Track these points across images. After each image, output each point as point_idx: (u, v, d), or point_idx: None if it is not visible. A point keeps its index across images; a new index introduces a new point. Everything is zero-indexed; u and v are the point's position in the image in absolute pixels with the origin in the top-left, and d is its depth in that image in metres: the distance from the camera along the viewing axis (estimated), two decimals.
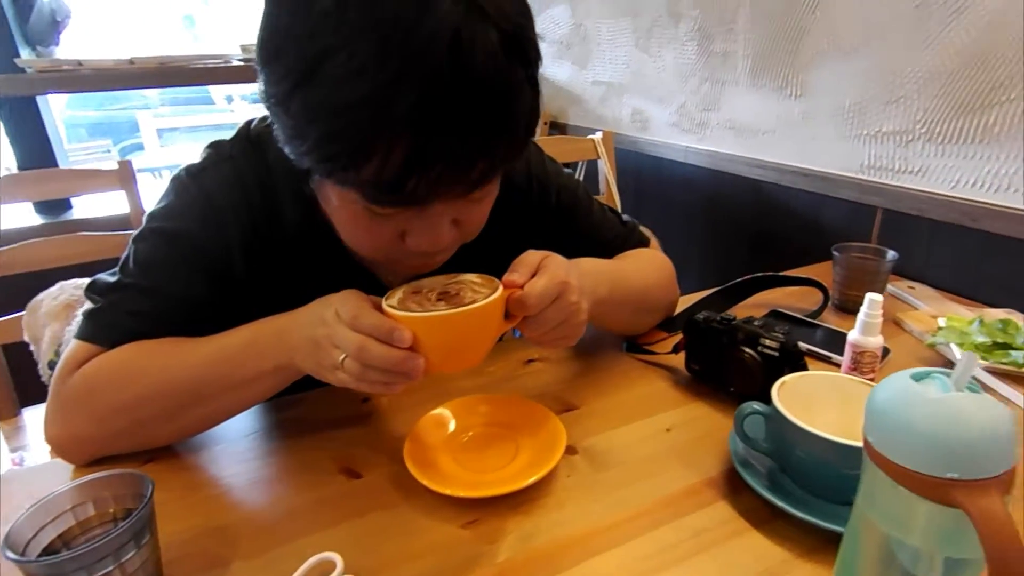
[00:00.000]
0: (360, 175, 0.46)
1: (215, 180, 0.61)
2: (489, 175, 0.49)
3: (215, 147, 0.64)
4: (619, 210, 0.88)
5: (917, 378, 0.35)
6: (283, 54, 0.44)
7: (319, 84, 0.42)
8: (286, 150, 0.48)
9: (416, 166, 0.44)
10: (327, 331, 0.50)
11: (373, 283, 0.66)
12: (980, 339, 0.74)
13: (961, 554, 0.34)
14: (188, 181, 0.61)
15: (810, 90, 1.17)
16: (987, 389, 0.71)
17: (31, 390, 1.11)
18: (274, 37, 0.45)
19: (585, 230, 0.78)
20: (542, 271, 0.54)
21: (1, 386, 1.18)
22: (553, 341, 0.56)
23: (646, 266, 0.78)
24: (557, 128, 1.98)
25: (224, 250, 0.60)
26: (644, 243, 0.84)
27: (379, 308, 0.50)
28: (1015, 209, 0.90)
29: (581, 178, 1.71)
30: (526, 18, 0.48)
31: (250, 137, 0.63)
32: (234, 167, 0.61)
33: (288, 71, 0.44)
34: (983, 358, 0.72)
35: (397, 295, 0.52)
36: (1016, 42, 0.86)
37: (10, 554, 0.39)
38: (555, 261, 0.56)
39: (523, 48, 0.46)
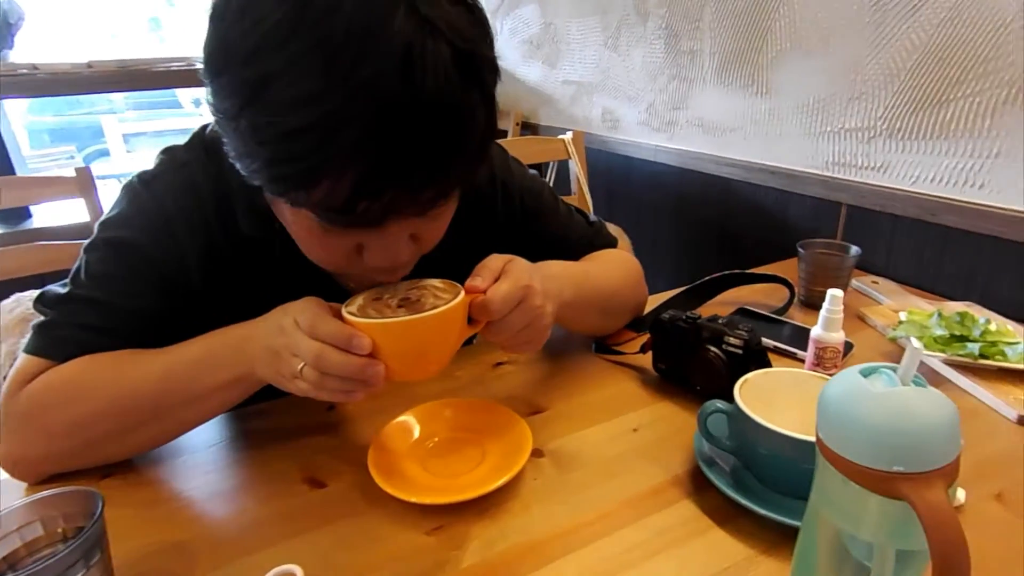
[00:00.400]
0: (311, 197, 0.45)
1: (168, 188, 0.59)
2: (443, 196, 0.48)
3: (169, 153, 0.62)
4: (591, 210, 0.88)
5: (865, 373, 0.35)
6: (229, 71, 0.43)
7: (265, 107, 0.41)
8: (237, 165, 0.47)
9: (367, 191, 0.44)
10: (286, 340, 0.49)
11: (335, 289, 0.65)
12: (939, 332, 0.75)
13: (911, 546, 0.34)
14: (140, 188, 0.60)
15: (775, 88, 1.18)
16: (944, 381, 0.72)
17: None
18: (220, 52, 0.43)
19: (551, 232, 0.78)
20: (505, 275, 0.54)
21: None
22: (517, 346, 0.56)
23: (613, 267, 0.78)
24: (529, 128, 1.98)
25: (178, 260, 0.59)
26: (612, 243, 0.84)
27: (339, 315, 0.49)
28: (972, 203, 0.92)
29: (552, 178, 1.71)
30: (482, 35, 0.46)
31: (205, 143, 0.61)
32: (188, 174, 0.60)
33: (234, 89, 0.43)
34: (941, 351, 0.73)
35: (358, 302, 0.51)
36: (969, 39, 0.88)
37: None
38: (518, 265, 0.56)
39: (478, 67, 0.45)
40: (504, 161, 0.76)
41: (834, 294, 0.68)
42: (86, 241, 0.60)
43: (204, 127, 0.64)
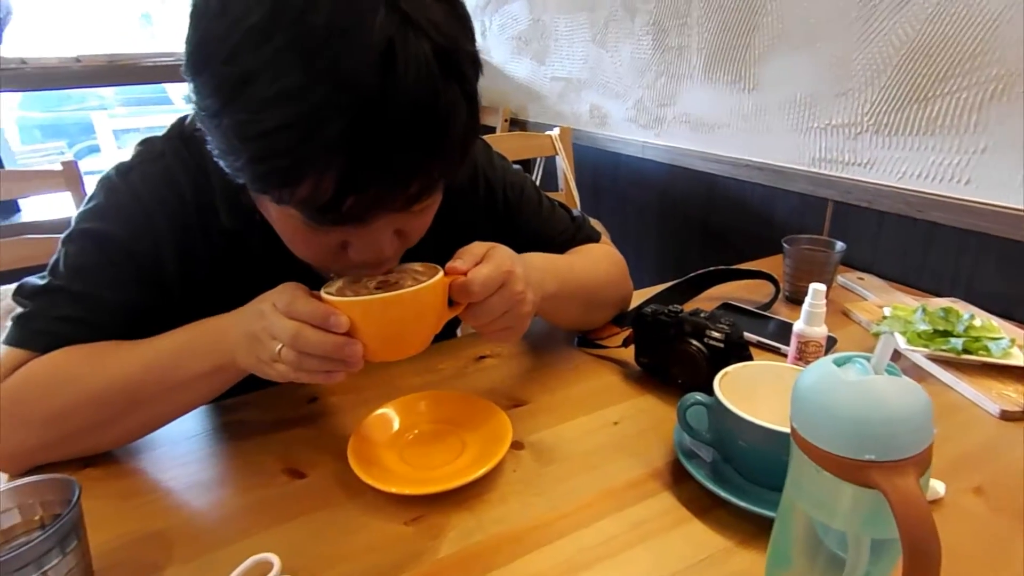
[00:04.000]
0: (295, 195, 0.45)
1: (144, 179, 0.60)
2: (427, 192, 0.48)
3: (146, 144, 0.62)
4: (578, 206, 0.88)
5: (839, 363, 0.35)
6: (210, 69, 0.43)
7: (245, 105, 0.41)
8: (220, 163, 0.47)
9: (350, 188, 0.44)
10: (264, 323, 0.49)
11: (315, 282, 0.65)
12: (922, 327, 0.75)
13: (885, 535, 0.34)
14: (117, 180, 0.60)
15: (763, 83, 1.18)
16: (928, 376, 0.72)
17: None
18: (200, 49, 0.43)
19: (533, 227, 0.78)
20: (487, 260, 0.54)
21: None
22: (497, 333, 0.56)
23: (597, 261, 0.78)
24: (517, 124, 1.97)
25: (156, 254, 0.59)
26: (594, 237, 0.83)
27: (317, 298, 0.49)
28: (958, 199, 0.92)
29: (539, 174, 1.71)
30: (463, 30, 0.46)
31: (183, 135, 0.61)
32: (165, 166, 0.60)
33: (215, 87, 0.43)
34: (925, 346, 0.73)
35: (337, 284, 0.51)
36: (957, 35, 0.88)
37: None
38: (501, 251, 0.56)
39: (458, 62, 0.44)
40: (487, 156, 0.76)
41: (816, 288, 0.68)
42: (63, 233, 0.60)
43: (183, 118, 0.63)
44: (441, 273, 0.51)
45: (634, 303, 0.86)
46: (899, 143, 0.98)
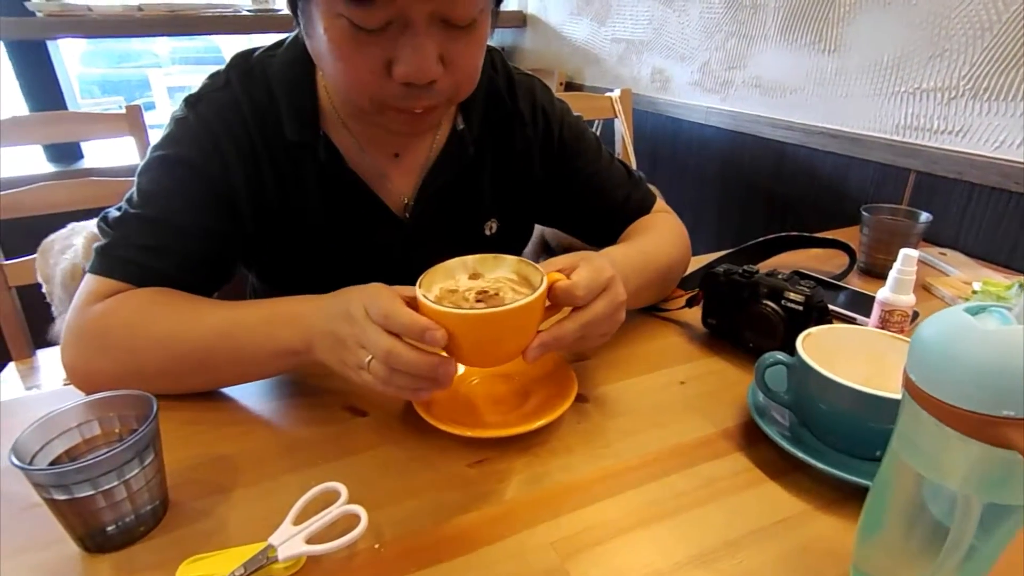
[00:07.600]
0: None
1: (211, 107, 0.62)
2: None
3: (212, 77, 0.64)
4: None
5: (972, 312, 0.32)
6: None
7: None
8: None
9: None
10: (352, 329, 0.46)
11: (374, 201, 0.66)
12: None
13: (1006, 500, 0.31)
14: (187, 111, 0.62)
15: (846, 45, 1.11)
16: None
17: (45, 331, 1.11)
18: None
19: (589, 173, 0.76)
20: (584, 263, 0.50)
21: (16, 327, 1.18)
22: (593, 339, 0.52)
23: (667, 240, 0.74)
24: (573, 89, 1.92)
25: (225, 175, 0.61)
26: (650, 199, 0.80)
27: (411, 300, 0.46)
28: None
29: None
30: None
31: (250, 64, 0.63)
32: (230, 94, 0.62)
33: None
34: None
35: (433, 291, 0.48)
36: None
37: (16, 461, 0.38)
38: (595, 257, 0.52)
39: None
40: (547, 95, 0.76)
41: (908, 254, 0.63)
42: (139, 165, 0.62)
43: (252, 51, 0.65)
44: (545, 281, 0.47)
45: (692, 268, 0.82)
46: (1000, 109, 0.91)
